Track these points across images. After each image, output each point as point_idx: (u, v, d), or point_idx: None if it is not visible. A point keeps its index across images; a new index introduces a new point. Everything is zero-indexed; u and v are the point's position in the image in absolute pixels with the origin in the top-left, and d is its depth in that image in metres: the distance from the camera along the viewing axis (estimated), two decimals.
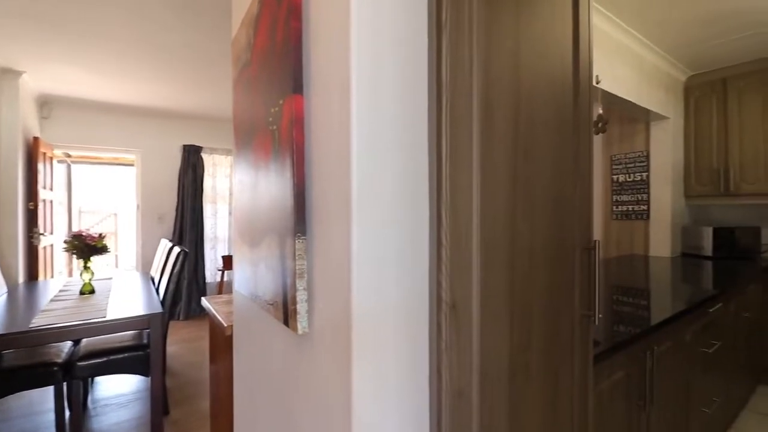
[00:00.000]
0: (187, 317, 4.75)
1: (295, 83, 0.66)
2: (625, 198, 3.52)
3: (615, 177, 3.60)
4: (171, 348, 3.71)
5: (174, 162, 4.97)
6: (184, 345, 3.82)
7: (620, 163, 3.56)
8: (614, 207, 3.60)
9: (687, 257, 3.18)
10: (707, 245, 3.06)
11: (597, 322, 0.88)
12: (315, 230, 0.66)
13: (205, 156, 5.07)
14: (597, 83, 2.32)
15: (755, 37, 2.69)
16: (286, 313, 0.68)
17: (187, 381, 2.97)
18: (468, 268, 0.66)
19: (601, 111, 2.29)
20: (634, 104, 2.86)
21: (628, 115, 3.51)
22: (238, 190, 1.00)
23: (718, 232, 3.05)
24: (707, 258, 3.07)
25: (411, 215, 0.63)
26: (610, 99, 2.71)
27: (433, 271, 0.64)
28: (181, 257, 2.67)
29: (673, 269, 2.55)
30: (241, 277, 0.99)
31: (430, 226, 0.64)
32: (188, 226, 4.84)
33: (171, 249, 3.01)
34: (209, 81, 3.64)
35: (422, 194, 0.64)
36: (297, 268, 0.65)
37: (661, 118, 3.23)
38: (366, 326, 0.56)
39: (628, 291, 1.84)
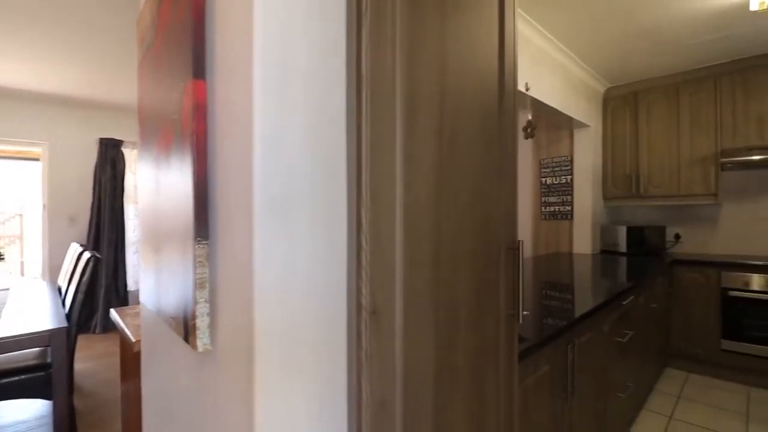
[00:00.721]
0: (105, 330, 4.29)
1: (197, 66, 0.58)
2: (552, 199, 3.76)
3: (543, 179, 3.84)
4: (83, 365, 3.31)
5: (89, 157, 4.46)
6: (99, 361, 3.43)
7: (548, 167, 3.80)
8: (543, 208, 3.84)
9: (605, 254, 3.47)
10: (622, 243, 3.37)
11: (521, 321, 0.89)
12: (219, 234, 0.59)
13: (126, 151, 4.61)
14: (527, 90, 2.44)
15: (660, 56, 3.00)
16: (186, 329, 0.60)
17: (100, 402, 2.66)
18: (390, 272, 0.62)
19: (530, 117, 2.41)
20: (560, 112, 3.05)
21: (555, 122, 3.76)
22: (142, 189, 0.89)
23: (630, 231, 3.36)
24: (622, 254, 3.38)
25: (326, 218, 0.57)
26: (539, 106, 2.87)
27: (352, 277, 0.59)
28: (91, 263, 2.38)
29: (593, 265, 2.75)
30: (145, 287, 0.88)
31: (348, 230, 0.60)
32: (106, 229, 4.37)
33: (81, 254, 2.68)
34: (131, 67, 3.31)
35: (339, 196, 0.59)
36: (197, 277, 0.57)
37: (583, 125, 3.50)
38: (271, 342, 0.50)
39: (555, 287, 1.94)
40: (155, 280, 0.78)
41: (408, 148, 0.65)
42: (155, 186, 0.77)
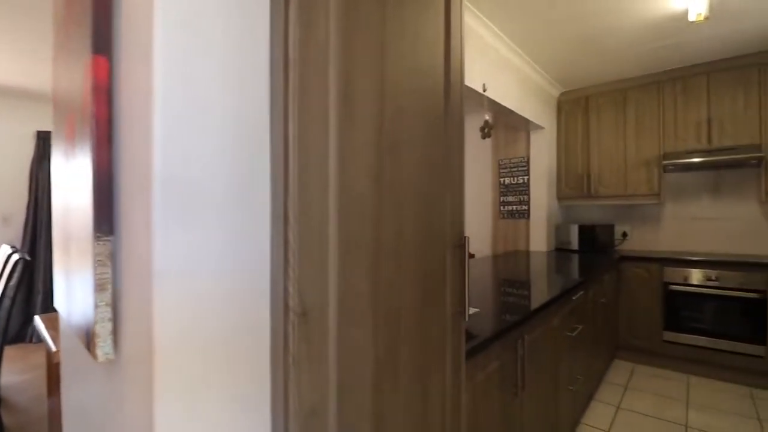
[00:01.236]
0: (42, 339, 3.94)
1: (97, 39, 0.51)
2: (510, 199, 3.86)
3: (502, 179, 3.93)
4: (15, 378, 3.03)
5: (24, 152, 4.10)
6: (34, 373, 3.15)
7: (506, 167, 3.90)
8: (501, 207, 3.93)
9: (559, 251, 3.60)
10: (574, 240, 3.51)
11: (467, 318, 0.88)
12: (124, 230, 0.52)
13: None
14: (484, 91, 2.48)
15: (608, 63, 3.15)
16: (88, 336, 0.53)
17: (32, 417, 2.44)
18: (322, 270, 0.58)
19: (487, 117, 2.45)
20: (516, 114, 3.13)
21: (512, 124, 3.86)
22: (54, 183, 0.80)
23: (582, 229, 3.51)
24: (574, 252, 3.52)
25: (245, 212, 0.53)
26: (496, 107, 2.92)
27: (279, 277, 0.55)
28: (20, 266, 2.17)
29: (547, 263, 2.84)
30: (58, 291, 0.79)
31: (272, 225, 0.55)
32: (44, 229, 4.03)
33: (9, 256, 2.44)
34: None
35: (261, 188, 0.54)
36: (97, 277, 0.50)
37: (538, 128, 3.62)
38: (176, 350, 0.45)
39: (509, 284, 1.97)
40: (66, 283, 0.70)
41: (344, 139, 0.62)
42: (65, 179, 0.69)
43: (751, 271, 2.71)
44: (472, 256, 4.14)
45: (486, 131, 2.43)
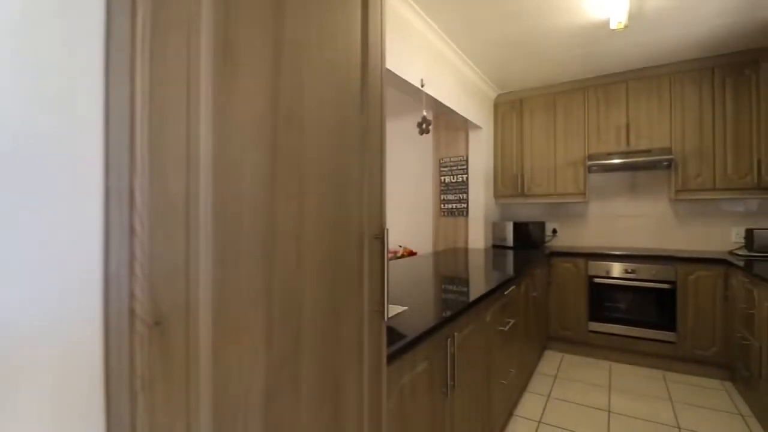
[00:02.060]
0: None
1: None
2: (450, 197, 3.90)
3: (443, 178, 3.97)
4: None
5: None
6: None
7: (446, 166, 3.94)
8: (442, 205, 3.97)
9: (496, 248, 3.71)
10: (509, 237, 3.62)
11: (387, 318, 0.80)
12: None
13: None
14: (422, 86, 2.45)
15: (538, 66, 3.28)
16: None
17: None
18: (189, 266, 0.47)
19: (425, 113, 2.42)
20: (456, 113, 3.16)
21: (453, 123, 3.91)
22: None
23: (516, 227, 3.63)
24: (509, 248, 3.63)
25: (63, 191, 0.39)
26: (437, 105, 2.92)
27: (119, 278, 0.42)
28: None
29: (483, 259, 2.89)
30: None
31: (108, 210, 0.42)
32: None
33: None
34: None
35: (91, 159, 0.41)
36: None
37: (476, 127, 3.69)
38: None
39: (445, 280, 1.95)
40: None
41: (222, 102, 0.50)
42: None
43: (662, 263, 2.95)
44: (413, 253, 4.14)
45: (424, 127, 2.40)
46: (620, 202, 3.66)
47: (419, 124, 2.42)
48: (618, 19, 2.47)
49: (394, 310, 1.15)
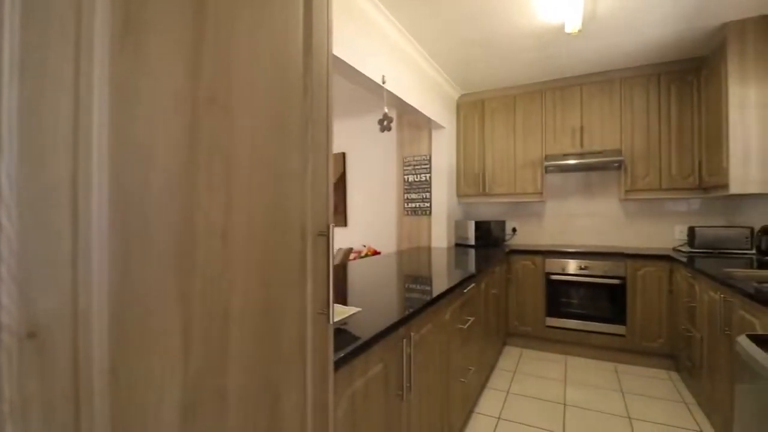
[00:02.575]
0: None
1: None
2: (413, 196, 3.90)
3: (406, 177, 3.96)
4: None
5: None
6: None
7: (410, 165, 3.93)
8: (406, 204, 3.95)
9: (458, 247, 3.74)
10: (471, 236, 3.66)
11: (332, 321, 0.74)
12: None
13: None
14: (383, 83, 2.41)
15: (498, 68, 3.33)
16: None
17: None
18: (72, 267, 0.39)
19: (386, 110, 2.38)
20: (419, 112, 3.15)
21: (416, 122, 3.91)
22: None
23: (478, 225, 3.68)
24: (471, 246, 3.68)
25: None
26: (399, 103, 2.90)
27: None
28: None
29: (446, 257, 2.89)
30: None
31: None
32: None
33: None
34: None
35: None
36: None
37: (439, 127, 3.71)
38: None
39: (406, 280, 1.92)
40: None
41: (124, 73, 0.43)
42: None
43: (613, 260, 3.09)
44: (377, 253, 4.10)
45: (385, 124, 2.36)
46: (575, 202, 3.80)
47: (380, 122, 2.38)
48: (573, 24, 2.54)
49: (347, 311, 1.10)
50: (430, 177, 3.82)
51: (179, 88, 0.49)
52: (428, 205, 3.82)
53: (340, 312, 1.09)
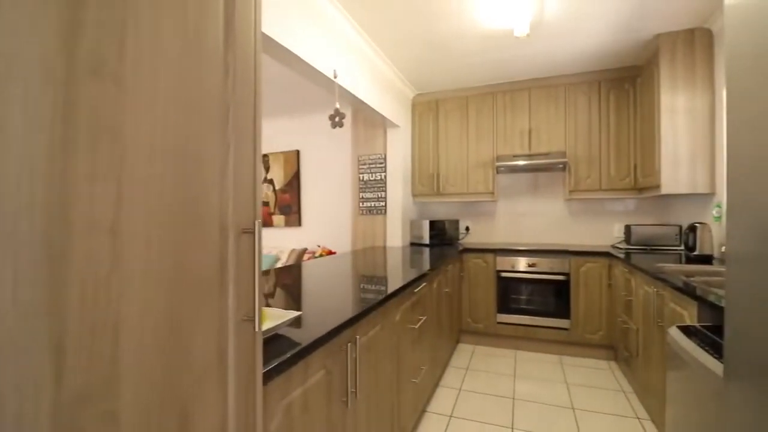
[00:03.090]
0: None
1: None
2: (368, 195, 3.85)
3: (361, 175, 3.90)
4: None
5: None
6: None
7: (365, 164, 3.88)
8: (361, 203, 3.90)
9: (413, 246, 3.74)
10: (425, 235, 3.68)
11: (258, 328, 0.67)
12: None
13: None
14: (335, 77, 2.34)
15: (451, 70, 3.37)
16: None
17: None
18: None
19: (338, 105, 2.31)
20: (373, 109, 3.10)
21: (371, 121, 3.86)
22: None
23: (432, 224, 3.70)
24: (426, 245, 3.69)
25: None
26: (353, 100, 2.83)
27: None
28: None
29: (401, 257, 2.87)
30: None
31: None
32: None
33: None
34: None
35: None
36: None
37: (394, 126, 3.68)
38: None
39: (356, 280, 1.86)
40: None
41: None
42: None
43: (558, 257, 3.22)
44: (332, 253, 4.01)
45: (337, 120, 2.29)
46: (524, 201, 3.93)
47: (332, 117, 2.31)
48: (521, 29, 2.61)
49: (285, 316, 1.02)
50: (385, 176, 3.79)
51: (48, 53, 0.40)
52: (383, 204, 3.79)
53: (278, 316, 1.01)
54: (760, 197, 0.81)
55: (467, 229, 4.12)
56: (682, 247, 3.04)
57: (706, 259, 2.45)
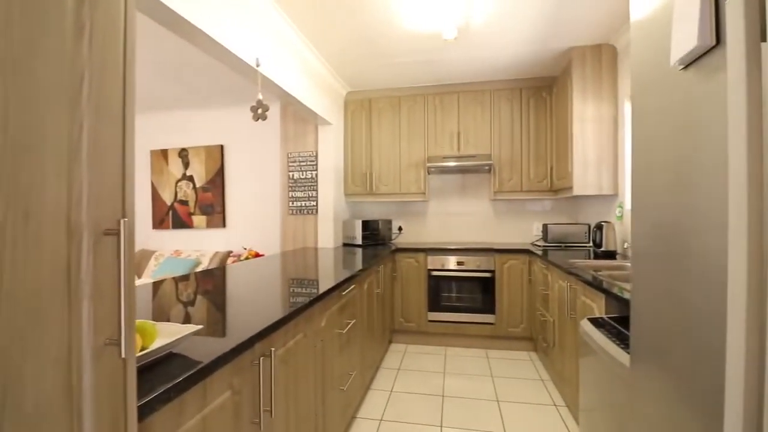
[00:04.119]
0: None
1: None
2: (299, 194, 3.68)
3: (291, 174, 3.72)
4: None
5: None
6: None
7: (295, 161, 3.71)
8: (290, 203, 3.72)
9: (346, 246, 3.65)
10: (358, 235, 3.61)
11: (125, 354, 0.54)
12: None
13: None
14: (257, 66, 2.17)
15: (385, 68, 3.34)
16: None
17: None
18: None
19: (261, 96, 2.15)
20: (302, 104, 2.96)
21: (301, 116, 3.70)
22: None
23: (365, 224, 3.65)
24: (359, 246, 3.63)
25: None
26: (283, 96, 2.67)
27: None
28: None
29: (333, 258, 2.76)
30: None
31: None
32: None
33: None
34: None
35: None
36: None
37: (326, 123, 3.56)
38: None
39: (280, 285, 1.72)
40: None
41: None
42: None
43: (484, 255, 3.34)
44: (259, 255, 3.77)
45: (260, 112, 2.13)
46: (454, 202, 4.04)
47: (254, 109, 2.13)
48: (449, 33, 2.66)
49: (180, 332, 0.88)
50: (316, 174, 3.65)
51: None
52: (315, 203, 3.65)
53: (171, 333, 0.87)
54: (654, 200, 0.86)
55: (400, 229, 4.14)
56: (591, 244, 3.33)
57: (611, 255, 2.70)
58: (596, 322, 1.53)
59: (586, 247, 3.33)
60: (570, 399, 2.21)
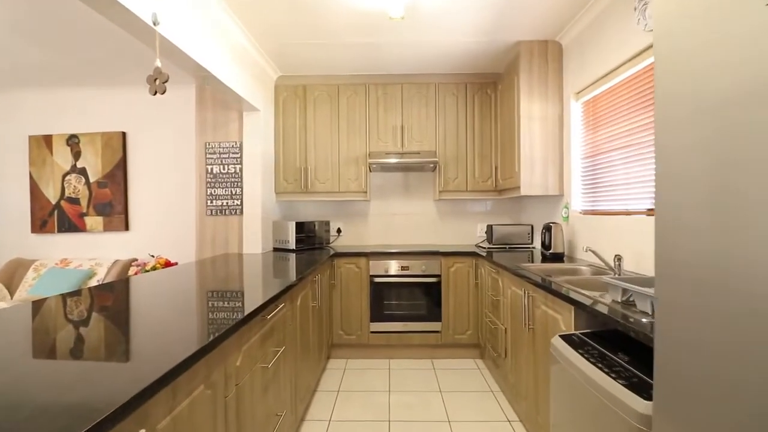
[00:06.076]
0: None
1: None
2: (219, 191, 3.16)
3: (210, 167, 3.18)
4: None
5: None
6: None
7: (215, 153, 3.18)
8: (209, 201, 3.17)
9: (277, 251, 3.21)
10: (291, 239, 3.18)
11: None
12: None
13: None
14: (154, 24, 1.68)
15: (322, 51, 2.95)
16: None
17: None
18: None
19: (159, 63, 1.67)
20: (224, 84, 2.48)
21: (223, 101, 3.18)
22: None
23: (299, 226, 3.23)
24: (291, 251, 3.20)
25: None
26: (199, 72, 2.18)
27: None
28: None
29: (262, 267, 2.32)
30: None
31: None
32: None
33: None
34: None
35: None
36: None
37: (253, 109, 3.09)
38: None
39: (182, 311, 1.28)
40: None
41: None
42: None
43: (430, 258, 3.11)
44: (170, 264, 3.17)
45: (157, 84, 1.64)
46: (396, 201, 3.78)
47: (150, 79, 1.65)
48: (396, 10, 2.37)
49: None
50: (241, 169, 3.15)
51: None
52: (239, 202, 3.15)
53: None
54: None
55: (339, 231, 3.78)
56: (533, 245, 3.26)
57: (559, 257, 2.60)
58: (570, 340, 1.32)
59: (528, 247, 3.25)
60: (525, 415, 2.03)
